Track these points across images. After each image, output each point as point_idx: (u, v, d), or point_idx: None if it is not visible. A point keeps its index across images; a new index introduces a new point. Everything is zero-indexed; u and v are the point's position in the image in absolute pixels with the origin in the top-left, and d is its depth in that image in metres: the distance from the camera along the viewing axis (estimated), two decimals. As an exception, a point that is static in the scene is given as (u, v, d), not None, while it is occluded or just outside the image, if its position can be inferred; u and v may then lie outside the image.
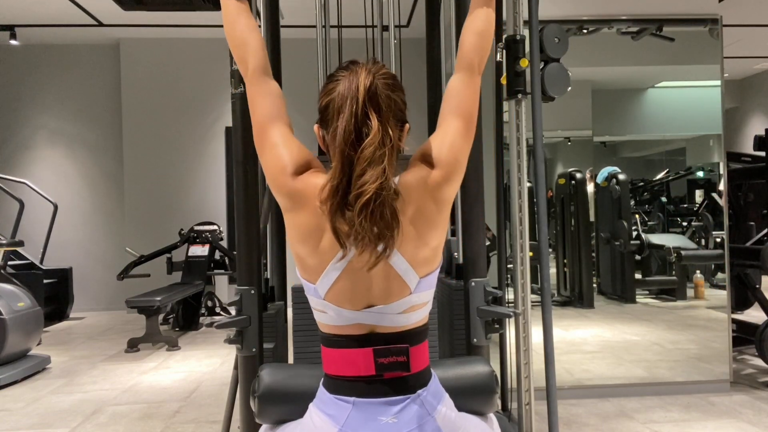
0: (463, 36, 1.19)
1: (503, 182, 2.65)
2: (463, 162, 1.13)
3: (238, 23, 1.17)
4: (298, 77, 4.61)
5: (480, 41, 1.18)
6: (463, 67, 1.17)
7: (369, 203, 0.97)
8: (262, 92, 1.15)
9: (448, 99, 1.16)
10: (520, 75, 2.17)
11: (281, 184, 1.08)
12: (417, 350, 1.08)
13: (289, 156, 1.09)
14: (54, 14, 6.36)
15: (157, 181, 7.30)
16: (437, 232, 1.09)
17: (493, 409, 1.45)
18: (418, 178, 1.08)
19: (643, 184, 6.66)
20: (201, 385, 4.03)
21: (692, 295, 5.05)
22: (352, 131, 1.01)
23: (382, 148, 1.00)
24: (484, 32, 1.19)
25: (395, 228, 1.00)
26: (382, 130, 1.01)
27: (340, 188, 1.00)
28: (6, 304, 4.21)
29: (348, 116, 1.01)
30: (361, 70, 1.05)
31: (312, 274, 1.08)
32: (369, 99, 1.02)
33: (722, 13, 3.76)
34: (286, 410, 1.35)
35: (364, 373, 1.05)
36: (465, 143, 1.13)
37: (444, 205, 1.10)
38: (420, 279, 1.07)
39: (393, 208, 1.00)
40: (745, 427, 3.04)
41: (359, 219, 0.97)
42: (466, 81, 1.16)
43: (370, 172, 0.98)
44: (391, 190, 0.99)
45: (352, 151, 1.00)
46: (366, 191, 0.97)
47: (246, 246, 1.85)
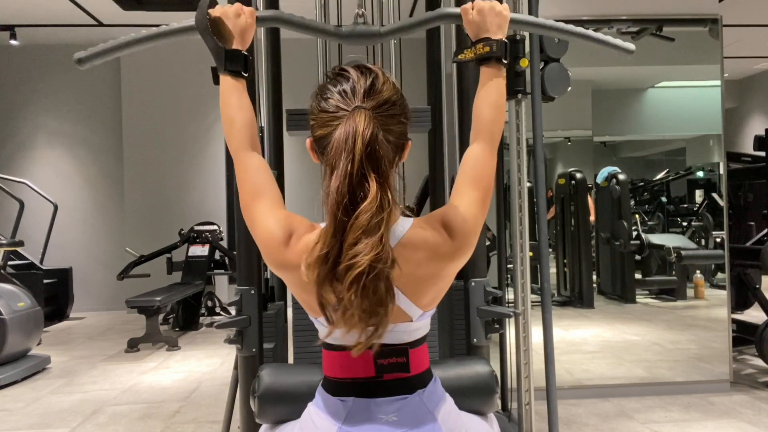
0: (480, 109, 1.16)
1: (503, 182, 2.65)
2: (477, 235, 1.09)
3: (229, 102, 1.15)
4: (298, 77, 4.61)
5: (497, 114, 1.16)
6: (483, 139, 1.14)
7: (361, 277, 0.89)
8: (244, 169, 1.12)
9: (467, 169, 1.13)
10: (520, 75, 2.17)
11: (275, 257, 1.05)
12: (416, 352, 1.08)
13: (276, 224, 1.05)
14: (54, 14, 6.36)
15: (157, 181, 7.30)
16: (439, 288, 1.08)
17: (493, 409, 1.45)
18: (431, 243, 1.03)
19: (643, 184, 6.67)
20: (201, 385, 4.03)
21: (692, 295, 5.05)
22: (345, 194, 0.93)
23: (379, 214, 0.92)
24: (499, 105, 1.16)
25: (389, 305, 0.93)
26: (380, 194, 0.93)
27: (330, 257, 0.92)
28: (6, 304, 4.21)
29: (342, 176, 0.93)
30: (359, 116, 0.97)
31: (316, 313, 1.06)
32: (367, 156, 0.94)
33: (722, 13, 3.75)
34: (286, 410, 1.35)
35: (364, 375, 1.05)
36: (481, 215, 1.10)
37: (446, 279, 1.07)
38: (423, 312, 1.07)
39: (388, 282, 0.92)
40: (745, 427, 3.04)
41: (349, 294, 0.90)
42: (486, 153, 1.13)
43: (364, 241, 0.90)
44: (387, 261, 0.92)
45: (345, 216, 0.92)
46: (358, 263, 0.89)
47: (246, 246, 1.85)
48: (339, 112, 1.00)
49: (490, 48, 1.14)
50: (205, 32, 1.16)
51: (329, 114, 1.02)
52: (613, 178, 5.36)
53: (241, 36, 1.17)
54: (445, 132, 2.43)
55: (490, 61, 1.15)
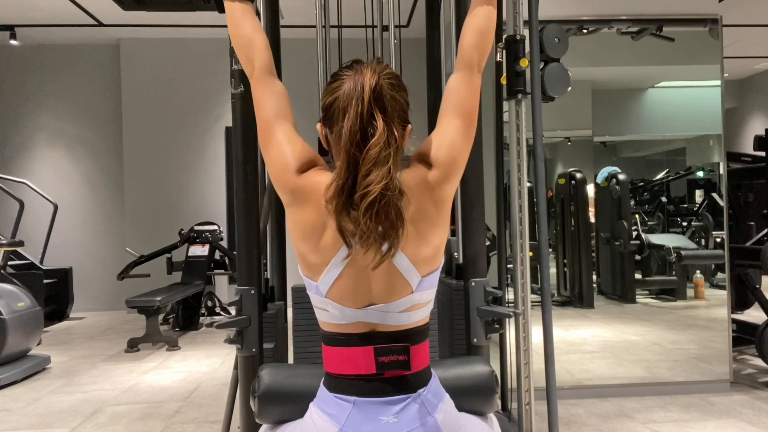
0: (464, 34, 1.18)
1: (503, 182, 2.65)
2: (462, 161, 1.12)
3: (243, 24, 1.18)
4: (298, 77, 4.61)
5: (480, 39, 1.17)
6: (463, 65, 1.17)
7: (374, 203, 0.97)
8: (267, 91, 1.16)
9: (447, 97, 1.16)
10: (520, 75, 2.17)
11: (285, 181, 1.09)
12: (417, 349, 1.08)
13: (293, 154, 1.10)
14: (54, 14, 6.36)
15: (157, 181, 7.30)
16: (438, 231, 1.09)
17: (493, 409, 1.45)
18: (417, 178, 1.08)
19: (643, 184, 6.66)
20: (201, 385, 4.03)
21: (692, 295, 5.05)
22: (357, 131, 1.01)
23: (387, 148, 1.00)
24: (484, 30, 1.18)
25: (400, 227, 1.00)
26: (387, 131, 1.01)
27: (346, 188, 1.00)
28: (6, 304, 4.21)
29: (353, 116, 1.02)
30: (366, 69, 1.05)
31: (314, 271, 1.08)
32: (374, 99, 1.02)
33: (722, 13, 3.75)
34: (286, 410, 1.35)
35: (365, 372, 1.05)
36: (465, 142, 1.13)
37: (443, 204, 1.10)
38: (422, 278, 1.07)
39: (398, 208, 1.00)
40: (745, 427, 3.04)
41: (365, 218, 0.98)
42: (466, 79, 1.16)
43: (375, 172, 0.98)
44: (396, 190, 1.00)
45: (358, 151, 1.01)
46: (371, 191, 0.97)
47: (246, 246, 1.85)
48: (346, 77, 1.07)
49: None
50: None
51: (338, 81, 1.07)
52: (613, 178, 5.35)
53: None
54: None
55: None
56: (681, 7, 3.73)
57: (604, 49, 4.17)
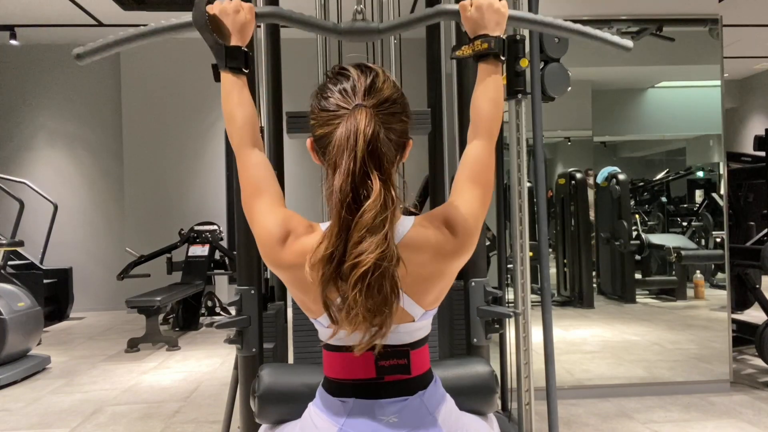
0: (478, 105, 1.16)
1: (503, 182, 2.65)
2: (478, 232, 1.09)
3: (230, 98, 1.15)
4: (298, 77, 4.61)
5: (495, 110, 1.16)
6: (482, 135, 1.14)
7: (366, 275, 0.89)
8: (245, 166, 1.13)
9: (468, 165, 1.13)
10: (520, 75, 2.17)
11: (273, 258, 1.05)
12: (417, 353, 1.08)
13: (274, 225, 1.05)
14: (54, 14, 6.36)
15: (157, 181, 7.30)
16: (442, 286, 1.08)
17: (493, 409, 1.45)
18: (433, 242, 1.02)
19: (643, 184, 6.66)
20: (201, 385, 4.03)
21: (692, 295, 5.05)
22: (349, 192, 0.92)
23: (383, 212, 0.92)
24: (497, 101, 1.16)
25: (394, 304, 0.93)
26: (383, 192, 0.93)
27: (335, 256, 0.92)
28: (6, 304, 4.21)
29: (345, 174, 0.93)
30: (360, 111, 0.97)
31: (313, 314, 1.06)
32: (369, 154, 0.94)
33: (722, 13, 3.75)
34: (286, 410, 1.35)
35: (365, 376, 1.05)
36: (482, 212, 1.10)
37: (449, 276, 1.07)
38: (425, 311, 1.07)
39: (393, 281, 0.92)
40: (745, 427, 3.04)
41: (353, 292, 0.90)
42: (486, 150, 1.13)
43: (369, 239, 0.90)
44: (393, 260, 0.91)
45: (349, 215, 0.92)
46: (363, 261, 0.89)
47: (246, 246, 1.85)
48: (340, 110, 1.00)
49: (488, 45, 1.14)
50: (204, 29, 1.15)
51: (330, 113, 1.01)
52: (613, 178, 5.35)
53: (241, 32, 1.16)
54: (445, 132, 2.43)
55: (488, 57, 1.15)
56: (681, 7, 3.73)
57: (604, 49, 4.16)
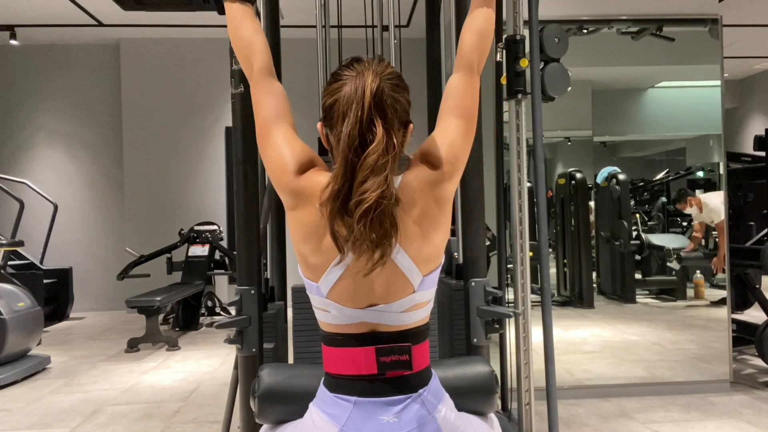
0: (463, 35, 1.19)
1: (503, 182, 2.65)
2: (463, 160, 1.13)
3: (243, 26, 1.18)
4: (298, 77, 4.61)
5: (480, 41, 1.18)
6: (462, 66, 1.17)
7: (369, 211, 0.97)
8: (266, 92, 1.15)
9: (447, 98, 1.16)
10: (520, 75, 2.17)
11: (285, 182, 1.09)
12: (418, 349, 1.08)
13: (291, 155, 1.10)
14: (54, 14, 6.36)
15: (157, 181, 7.30)
16: (440, 231, 1.10)
17: (493, 409, 1.45)
18: (421, 179, 1.08)
19: (643, 184, 6.66)
20: (201, 385, 4.03)
21: (692, 295, 5.05)
22: (356, 137, 1.00)
23: (385, 155, 0.99)
24: (484, 32, 1.19)
25: (393, 236, 1.00)
26: (386, 138, 1.00)
27: (341, 193, 0.99)
28: (6, 304, 4.21)
29: (353, 122, 1.00)
30: (367, 72, 1.04)
31: (314, 272, 1.08)
32: (375, 104, 1.01)
33: (722, 13, 3.75)
34: (286, 410, 1.35)
35: (366, 372, 1.05)
36: (465, 142, 1.13)
37: (445, 203, 1.10)
38: (423, 277, 1.07)
39: (393, 217, 0.99)
40: (745, 427, 3.04)
41: (358, 226, 0.97)
42: (465, 80, 1.16)
43: (372, 179, 0.98)
44: (392, 198, 0.99)
45: (355, 157, 0.99)
46: (367, 199, 0.97)
47: (246, 246, 1.85)
48: (348, 78, 1.06)
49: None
50: None
51: (339, 82, 1.06)
52: (613, 178, 5.35)
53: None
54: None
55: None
56: (681, 7, 3.73)
57: (604, 49, 4.17)
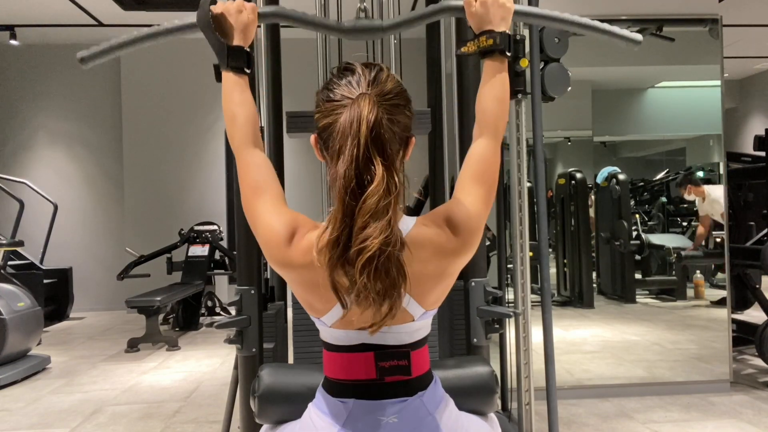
0: (484, 103, 1.15)
1: (503, 182, 2.65)
2: (481, 231, 1.08)
3: (231, 98, 1.16)
4: (298, 77, 4.61)
5: (501, 108, 1.15)
6: (487, 133, 1.13)
7: (372, 260, 0.90)
8: (245, 165, 1.12)
9: (472, 163, 1.12)
10: (520, 75, 2.17)
11: (280, 258, 1.04)
12: (417, 354, 1.08)
13: (279, 224, 1.04)
14: (54, 14, 6.36)
15: (157, 181, 7.30)
16: (444, 286, 1.08)
17: (493, 409, 1.45)
18: (435, 240, 1.02)
19: (643, 184, 6.66)
20: (201, 385, 4.03)
21: (692, 295, 5.05)
22: (352, 177, 0.93)
23: (387, 197, 0.92)
24: (503, 99, 1.16)
25: (402, 286, 0.94)
26: (387, 177, 0.93)
27: (341, 241, 0.92)
28: (6, 304, 4.21)
29: (348, 160, 0.93)
30: (363, 98, 0.97)
31: (318, 313, 1.06)
32: (372, 140, 0.94)
33: (722, 13, 3.76)
34: (286, 410, 1.35)
35: (365, 377, 1.05)
36: (485, 211, 1.10)
37: (451, 275, 1.07)
38: (425, 311, 1.06)
39: (399, 263, 0.93)
40: (745, 427, 3.04)
41: (361, 277, 0.90)
42: (491, 148, 1.12)
43: (373, 225, 0.91)
44: (397, 243, 0.92)
45: (353, 200, 0.92)
46: (369, 247, 0.90)
47: (246, 246, 1.85)
48: (344, 100, 1.01)
49: (494, 41, 1.13)
50: (207, 29, 1.16)
51: (334, 103, 1.02)
52: (613, 178, 5.35)
53: (243, 32, 1.17)
54: (446, 132, 2.43)
55: (494, 54, 1.14)
56: (681, 7, 3.74)
57: (604, 49, 4.17)
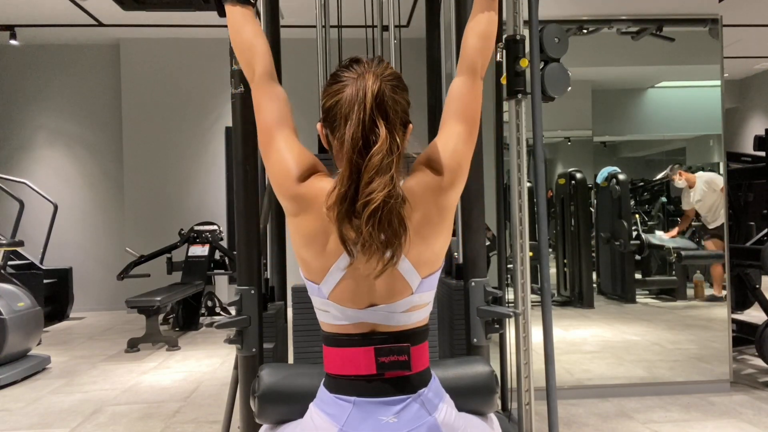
0: (466, 39, 1.19)
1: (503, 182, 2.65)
2: (466, 167, 1.12)
3: (244, 29, 1.17)
4: (298, 77, 4.61)
5: (483, 44, 1.18)
6: (465, 70, 1.17)
7: (377, 211, 0.97)
8: (268, 97, 1.15)
9: (450, 102, 1.16)
10: (520, 75, 2.17)
11: (286, 188, 1.08)
12: (418, 350, 1.09)
13: (293, 161, 1.09)
14: (54, 14, 6.36)
15: (157, 181, 7.30)
16: (441, 236, 1.10)
17: (493, 409, 1.45)
18: (423, 184, 1.08)
19: (643, 184, 6.66)
20: (201, 385, 4.03)
21: (692, 295, 5.05)
22: (359, 139, 1.00)
23: (389, 156, 1.00)
24: (487, 35, 1.18)
25: (403, 235, 1.00)
26: (389, 138, 1.01)
27: (348, 195, 1.00)
28: (6, 304, 4.21)
29: (356, 123, 1.01)
30: (367, 74, 1.04)
31: (316, 274, 1.08)
32: (376, 106, 1.02)
33: (722, 13, 3.75)
34: (286, 410, 1.35)
35: (365, 372, 1.05)
36: (468, 148, 1.13)
37: (448, 211, 1.10)
38: (422, 279, 1.08)
39: (401, 216, 1.00)
40: (745, 427, 3.04)
41: (367, 227, 0.98)
42: (468, 84, 1.16)
43: (378, 180, 0.98)
44: (399, 198, 1.00)
45: (360, 158, 1.00)
46: (374, 199, 0.97)
47: (246, 246, 1.85)
48: (348, 80, 1.06)
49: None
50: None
51: (339, 83, 1.07)
52: (613, 178, 5.35)
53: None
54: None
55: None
56: (681, 7, 3.73)
57: (604, 49, 4.17)
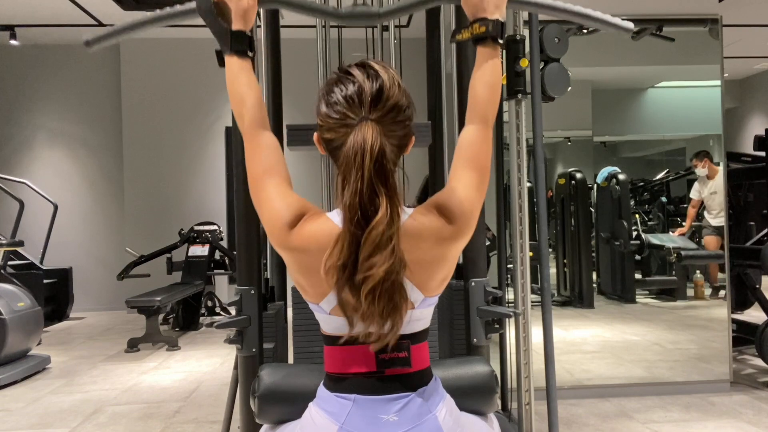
0: (474, 88, 1.17)
1: (503, 182, 2.65)
2: (476, 216, 1.11)
3: (237, 80, 1.17)
4: (298, 77, 4.61)
5: (491, 95, 1.17)
6: (477, 119, 1.15)
7: (377, 288, 0.96)
8: (256, 146, 1.14)
9: (462, 150, 1.14)
10: (520, 75, 2.17)
11: (277, 237, 1.07)
12: (417, 348, 1.09)
13: (285, 209, 1.07)
14: (54, 14, 6.36)
15: (157, 181, 7.30)
16: (445, 271, 1.10)
17: (493, 409, 1.45)
18: (432, 229, 1.05)
19: (643, 184, 6.66)
20: (201, 385, 4.03)
21: (692, 295, 5.05)
22: (357, 209, 0.97)
23: (390, 228, 0.97)
24: (493, 85, 1.17)
25: (403, 308, 0.99)
26: (390, 210, 0.97)
27: (347, 267, 0.98)
28: (6, 304, 4.21)
29: (353, 194, 0.98)
30: (366, 128, 1.00)
31: (314, 297, 1.08)
32: (376, 173, 0.98)
33: (722, 13, 3.76)
34: (286, 410, 1.35)
35: (365, 370, 1.06)
36: (479, 197, 1.12)
37: (451, 260, 1.10)
38: (425, 298, 1.08)
39: (402, 290, 0.99)
40: (745, 427, 3.04)
41: (366, 302, 0.96)
42: (481, 133, 1.14)
43: (378, 255, 0.96)
44: (400, 271, 0.98)
45: (359, 230, 0.97)
46: (374, 276, 0.95)
47: (246, 246, 1.85)
48: (346, 119, 1.03)
49: (486, 28, 1.16)
50: (209, 14, 1.19)
51: (336, 120, 1.04)
52: (613, 178, 5.36)
53: (244, 17, 1.19)
54: (446, 132, 2.43)
55: (486, 41, 1.16)
56: (681, 7, 3.74)
57: (604, 49, 4.17)
